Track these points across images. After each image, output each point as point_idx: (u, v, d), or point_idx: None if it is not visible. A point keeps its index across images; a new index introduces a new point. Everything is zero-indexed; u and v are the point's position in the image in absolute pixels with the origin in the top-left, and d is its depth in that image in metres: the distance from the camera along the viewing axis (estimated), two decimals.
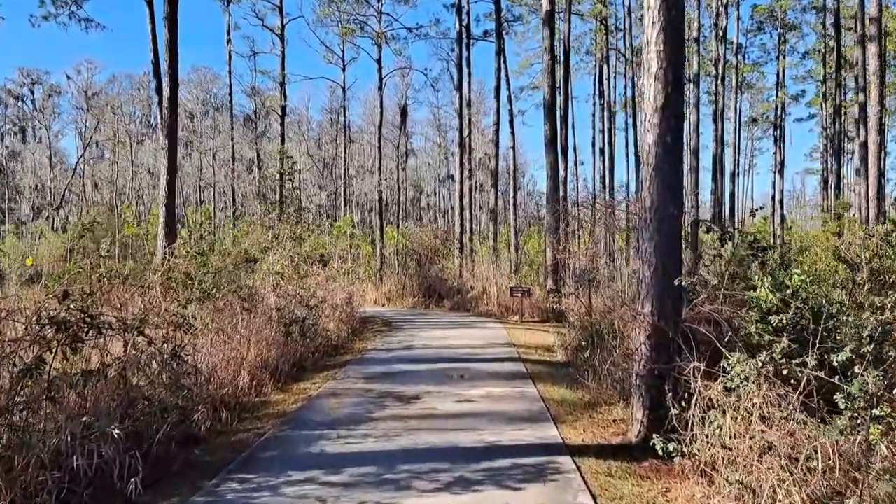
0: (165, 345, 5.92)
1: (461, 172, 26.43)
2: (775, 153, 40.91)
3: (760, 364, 4.44)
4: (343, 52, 39.74)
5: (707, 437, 4.69)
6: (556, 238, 19.64)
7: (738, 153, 46.11)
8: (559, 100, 22.39)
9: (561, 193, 21.93)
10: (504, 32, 31.97)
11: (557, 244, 19.82)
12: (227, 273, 10.18)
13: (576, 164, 42.05)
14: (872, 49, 19.56)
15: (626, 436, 6.04)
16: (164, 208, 15.01)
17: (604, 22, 36.48)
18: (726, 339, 5.03)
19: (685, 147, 13.02)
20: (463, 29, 28.87)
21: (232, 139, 36.82)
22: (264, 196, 35.79)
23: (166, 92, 14.92)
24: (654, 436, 5.16)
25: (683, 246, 5.98)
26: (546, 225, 20.44)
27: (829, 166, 36.85)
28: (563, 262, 19.90)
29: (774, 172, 40.86)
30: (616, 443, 5.90)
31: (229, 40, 38.26)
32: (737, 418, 4.54)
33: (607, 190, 38.46)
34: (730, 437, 4.50)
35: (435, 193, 65.58)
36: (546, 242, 20.26)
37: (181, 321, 6.21)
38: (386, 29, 35.78)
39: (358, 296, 21.96)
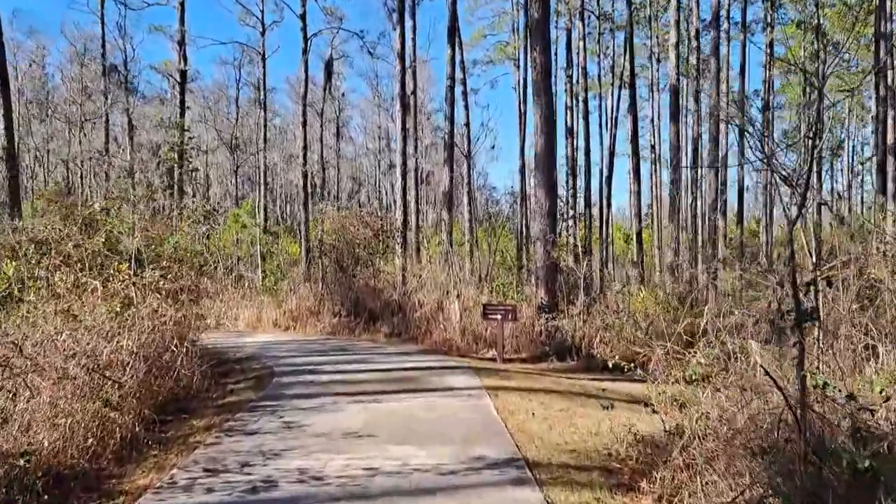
0: None
1: (403, 138, 19.21)
2: None
3: None
4: (262, 12, 32.41)
5: None
6: (549, 225, 12.72)
7: None
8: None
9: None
10: None
11: (553, 235, 12.91)
12: None
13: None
14: None
15: None
16: None
17: None
18: None
19: None
20: None
21: (106, 103, 28.11)
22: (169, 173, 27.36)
23: None
24: None
25: None
26: (536, 209, 13.48)
27: None
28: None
29: None
30: None
31: None
32: None
33: (582, 174, 32.10)
34: None
35: (377, 185, 58.37)
36: (536, 234, 13.27)
37: None
38: None
39: (234, 319, 14.44)
